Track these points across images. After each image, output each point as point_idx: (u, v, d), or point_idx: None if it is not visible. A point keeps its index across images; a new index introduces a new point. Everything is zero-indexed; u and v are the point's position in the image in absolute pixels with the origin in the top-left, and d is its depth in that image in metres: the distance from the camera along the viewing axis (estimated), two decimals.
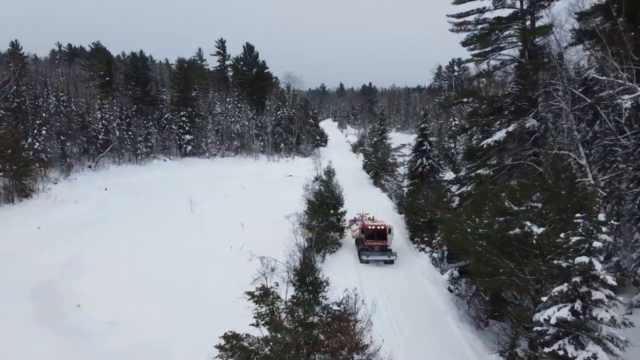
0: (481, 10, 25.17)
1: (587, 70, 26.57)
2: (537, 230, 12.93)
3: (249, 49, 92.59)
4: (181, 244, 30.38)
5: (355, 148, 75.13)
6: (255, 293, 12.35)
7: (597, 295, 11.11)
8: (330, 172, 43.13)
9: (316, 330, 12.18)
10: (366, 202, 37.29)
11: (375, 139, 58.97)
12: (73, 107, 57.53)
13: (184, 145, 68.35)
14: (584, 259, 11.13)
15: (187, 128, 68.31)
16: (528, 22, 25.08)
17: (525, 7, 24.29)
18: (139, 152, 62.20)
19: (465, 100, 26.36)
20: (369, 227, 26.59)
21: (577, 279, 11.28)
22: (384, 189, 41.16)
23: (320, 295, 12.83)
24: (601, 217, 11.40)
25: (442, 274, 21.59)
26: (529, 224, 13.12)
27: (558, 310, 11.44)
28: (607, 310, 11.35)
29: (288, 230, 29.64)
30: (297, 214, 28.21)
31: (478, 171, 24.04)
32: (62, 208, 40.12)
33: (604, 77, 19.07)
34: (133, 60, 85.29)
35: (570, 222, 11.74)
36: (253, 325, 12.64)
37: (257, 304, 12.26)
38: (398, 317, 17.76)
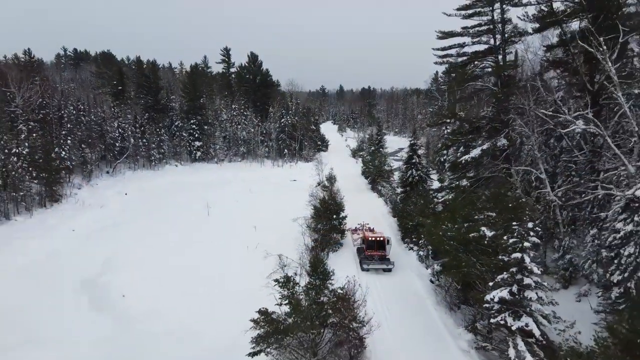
0: (461, 45, 29.59)
1: (557, 93, 31.04)
2: (489, 233, 17.32)
3: (253, 57, 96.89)
4: (202, 244, 34.72)
5: (355, 153, 79.46)
6: (280, 280, 16.72)
7: (527, 280, 15.50)
8: (331, 179, 47.56)
9: (325, 307, 16.53)
10: (364, 207, 41.66)
11: (372, 148, 63.30)
12: (92, 117, 61.76)
13: (194, 151, 72.68)
14: (518, 254, 15.53)
15: (196, 135, 72.65)
16: (502, 56, 29.55)
17: (497, 43, 28.69)
18: (152, 158, 66.55)
19: (448, 120, 30.76)
20: (370, 239, 28.89)
21: (514, 269, 15.68)
22: (380, 195, 45.61)
23: (328, 281, 17.19)
24: (530, 224, 15.79)
25: (427, 269, 25.96)
26: (484, 229, 17.50)
27: (500, 292, 15.83)
28: (535, 292, 15.75)
29: (296, 232, 34.10)
30: (304, 217, 32.58)
31: (458, 182, 28.44)
32: (90, 212, 44.45)
33: (547, 111, 23.29)
34: (139, 66, 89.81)
35: (510, 228, 16.11)
36: (277, 304, 17.01)
37: (282, 288, 16.63)
38: (388, 301, 22.16)
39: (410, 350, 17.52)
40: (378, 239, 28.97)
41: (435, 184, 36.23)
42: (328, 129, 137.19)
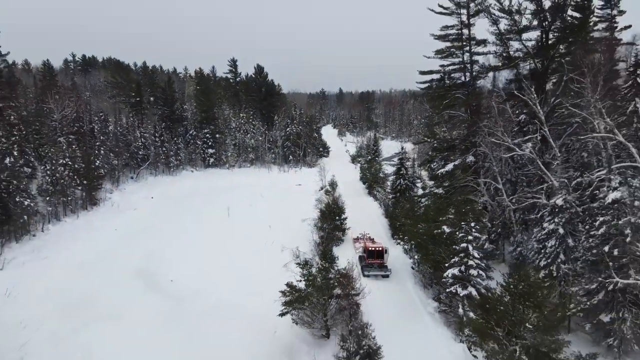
0: (439, 80, 36.77)
1: (519, 116, 38.23)
2: (447, 230, 24.47)
3: (259, 69, 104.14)
4: (227, 240, 41.85)
5: (354, 159, 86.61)
6: (301, 263, 23.89)
7: (470, 262, 22.69)
8: (333, 184, 54.68)
9: (332, 281, 23.67)
10: (362, 209, 48.86)
11: (369, 157, 70.54)
12: (119, 128, 68.91)
13: (207, 158, 79.83)
14: (464, 244, 22.71)
15: (210, 143, 79.82)
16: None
17: (467, 79, 35.88)
18: (171, 164, 73.69)
19: (429, 140, 37.99)
20: (370, 248, 32.41)
21: (462, 254, 22.86)
22: (375, 199, 52.79)
23: (334, 264, 24.34)
24: (472, 224, 22.97)
25: (410, 259, 33.08)
26: (444, 227, 24.65)
27: (453, 270, 23.03)
28: (477, 271, 22.92)
29: (305, 230, 41.35)
30: (312, 218, 39.75)
31: (436, 190, 35.64)
32: (125, 213, 51.53)
33: (503, 136, 30.42)
34: (150, 75, 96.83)
35: (460, 226, 23.30)
36: (298, 281, 24.09)
37: (302, 269, 23.77)
38: (377, 282, 29.31)
39: (393, 313, 24.70)
40: (377, 249, 32.41)
41: (420, 191, 43.47)
42: (328, 133, 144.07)
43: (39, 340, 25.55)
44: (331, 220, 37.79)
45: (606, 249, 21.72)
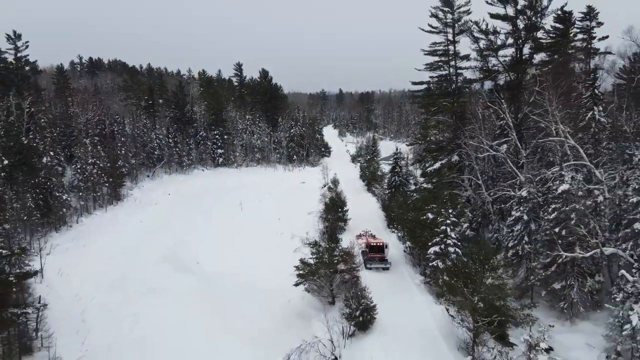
0: (428, 89, 42.12)
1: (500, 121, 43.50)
2: (431, 216, 29.82)
3: (264, 73, 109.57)
4: (242, 230, 47.14)
5: (354, 158, 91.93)
6: (312, 244, 29.30)
7: (448, 241, 28.06)
8: (335, 182, 60.00)
9: (336, 259, 29.04)
10: (362, 203, 54.17)
11: (368, 157, 75.94)
12: (136, 131, 74.27)
13: (217, 158, 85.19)
14: (444, 227, 28.07)
15: (219, 144, 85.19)
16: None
17: (453, 89, 41.23)
18: (184, 164, 79.05)
19: (420, 142, 43.34)
20: (372, 244, 35.46)
21: (442, 235, 28.23)
22: (374, 194, 58.14)
23: (338, 244, 29.70)
24: (450, 210, 28.34)
25: (403, 244, 38.44)
26: (428, 214, 29.99)
27: (434, 248, 28.39)
28: (454, 249, 28.27)
29: (311, 222, 46.64)
30: (318, 211, 45.08)
31: (426, 185, 41.00)
32: (147, 208, 56.88)
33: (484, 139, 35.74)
34: (152, 73, 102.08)
35: (441, 213, 28.66)
36: (309, 258, 29.45)
37: (312, 248, 29.16)
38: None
39: (386, 286, 30.07)
40: (378, 244, 35.60)
41: (413, 187, 48.82)
42: (329, 133, 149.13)
43: (93, 309, 30.86)
44: (334, 212, 43.08)
45: (557, 230, 27.10)
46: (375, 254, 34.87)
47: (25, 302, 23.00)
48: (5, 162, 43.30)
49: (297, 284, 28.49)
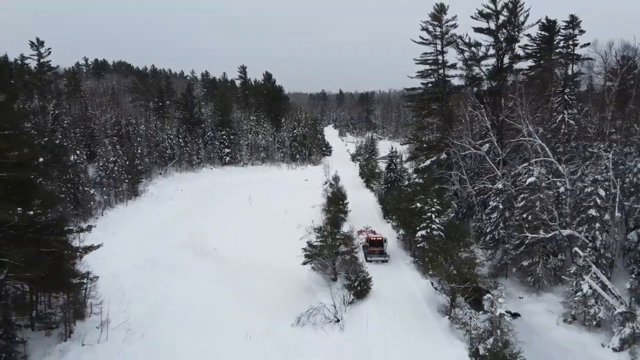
0: (420, 94, 47.09)
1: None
2: (419, 205, 34.81)
3: (267, 76, 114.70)
4: (252, 221, 52.10)
5: (354, 157, 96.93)
6: (317, 229, 34.30)
7: (433, 226, 33.05)
8: (336, 179, 64.97)
9: (339, 242, 34.03)
10: (361, 198, 59.20)
11: (367, 156, 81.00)
12: (149, 131, 79.26)
13: (224, 157, 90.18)
14: (429, 214, 33.06)
15: (226, 144, 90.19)
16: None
17: (442, 95, 46.21)
18: (193, 162, 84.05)
19: (413, 142, 48.32)
20: (372, 239, 38.53)
21: (428, 221, 33.21)
22: (372, 190, 63.13)
23: (340, 230, 34.65)
24: (435, 200, 33.34)
25: (396, 233, 43.39)
26: (417, 204, 34.97)
27: (422, 232, 33.38)
28: (438, 232, 33.25)
29: (314, 214, 51.57)
30: (321, 204, 50.04)
31: (417, 180, 45.95)
32: (164, 202, 61.80)
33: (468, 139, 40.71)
34: (156, 74, 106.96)
35: (427, 203, 33.65)
36: (315, 241, 34.41)
37: (318, 233, 34.17)
38: None
39: (379, 265, 35.04)
40: (378, 239, 38.71)
41: (406, 182, 53.88)
42: (330, 133, 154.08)
43: (128, 285, 35.74)
44: (336, 204, 48.02)
45: (524, 216, 32.10)
46: (375, 248, 38.02)
47: (81, 273, 27.87)
48: (41, 159, 48.28)
49: (304, 263, 33.45)
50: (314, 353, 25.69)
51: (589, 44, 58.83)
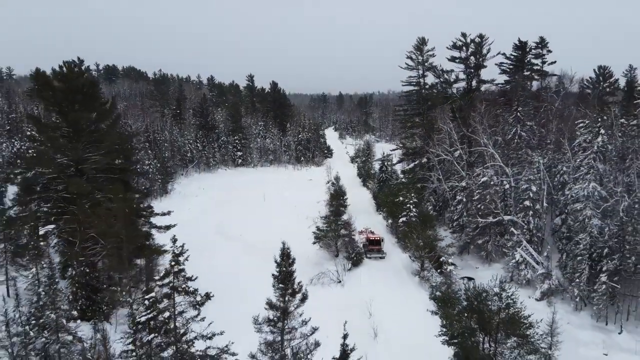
0: (405, 110, 57.85)
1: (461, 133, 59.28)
2: (401, 199, 45.57)
3: (273, 84, 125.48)
4: (267, 213, 62.88)
5: (353, 159, 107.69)
6: (324, 217, 45.18)
7: (411, 214, 43.88)
8: (337, 179, 75.76)
9: (340, 227, 44.82)
10: (358, 195, 69.90)
11: (364, 158, 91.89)
12: (173, 137, 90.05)
13: (237, 159, 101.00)
14: (409, 205, 43.90)
15: (238, 147, 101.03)
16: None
17: (422, 109, 56.99)
18: (210, 164, 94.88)
19: (400, 148, 59.13)
20: (370, 238, 45.01)
21: (407, 210, 44.03)
22: (368, 188, 74.01)
23: (340, 217, 45.46)
24: (412, 194, 44.18)
25: (386, 222, 54.17)
26: (400, 197, 45.74)
27: (403, 218, 44.21)
28: (415, 219, 44.11)
29: (319, 208, 62.37)
30: (324, 200, 60.88)
31: (404, 180, 56.76)
32: (191, 199, 72.58)
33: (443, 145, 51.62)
34: (165, 79, 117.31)
35: (407, 196, 44.48)
36: (322, 226, 45.17)
37: (324, 219, 45.03)
38: None
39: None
40: (376, 238, 45.25)
41: (395, 182, 64.85)
42: (330, 135, 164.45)
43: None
44: (337, 200, 58.63)
45: (479, 206, 42.93)
46: (374, 246, 44.49)
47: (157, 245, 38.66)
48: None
49: (314, 243, 44.28)
50: (324, 302, 36.55)
51: (555, 62, 69.59)
